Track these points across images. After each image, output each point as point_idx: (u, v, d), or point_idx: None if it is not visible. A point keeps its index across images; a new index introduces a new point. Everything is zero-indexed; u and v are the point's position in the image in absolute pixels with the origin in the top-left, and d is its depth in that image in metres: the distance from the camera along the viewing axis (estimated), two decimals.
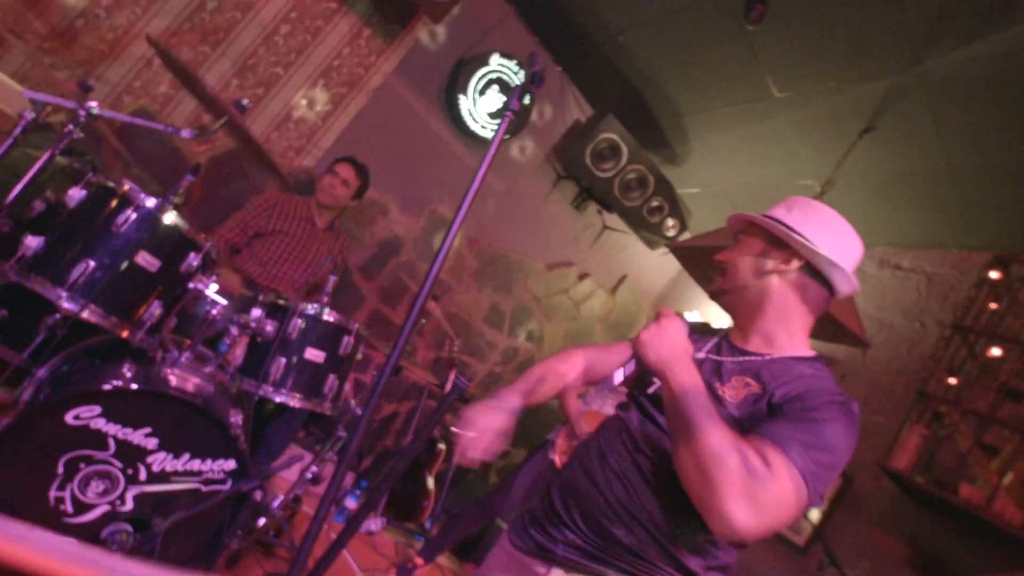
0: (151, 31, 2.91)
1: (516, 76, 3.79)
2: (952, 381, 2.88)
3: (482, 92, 3.69)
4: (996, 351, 2.81)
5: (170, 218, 1.61)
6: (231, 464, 1.77)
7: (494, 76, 3.71)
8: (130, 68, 2.93)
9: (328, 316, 1.94)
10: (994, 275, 2.92)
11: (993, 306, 2.90)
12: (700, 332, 1.34)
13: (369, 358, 3.80)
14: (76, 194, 1.55)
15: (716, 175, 4.14)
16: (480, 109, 3.70)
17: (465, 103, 3.64)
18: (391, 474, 0.98)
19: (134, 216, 1.55)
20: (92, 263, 1.51)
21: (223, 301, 1.70)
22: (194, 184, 2.84)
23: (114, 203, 1.57)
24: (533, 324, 4.49)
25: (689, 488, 0.97)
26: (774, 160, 3.67)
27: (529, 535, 1.19)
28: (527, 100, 3.83)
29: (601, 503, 1.12)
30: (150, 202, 1.57)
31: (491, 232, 4.10)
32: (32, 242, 1.50)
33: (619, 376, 1.13)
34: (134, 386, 1.58)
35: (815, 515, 3.34)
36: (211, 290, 1.71)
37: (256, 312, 1.85)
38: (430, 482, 3.59)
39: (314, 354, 1.89)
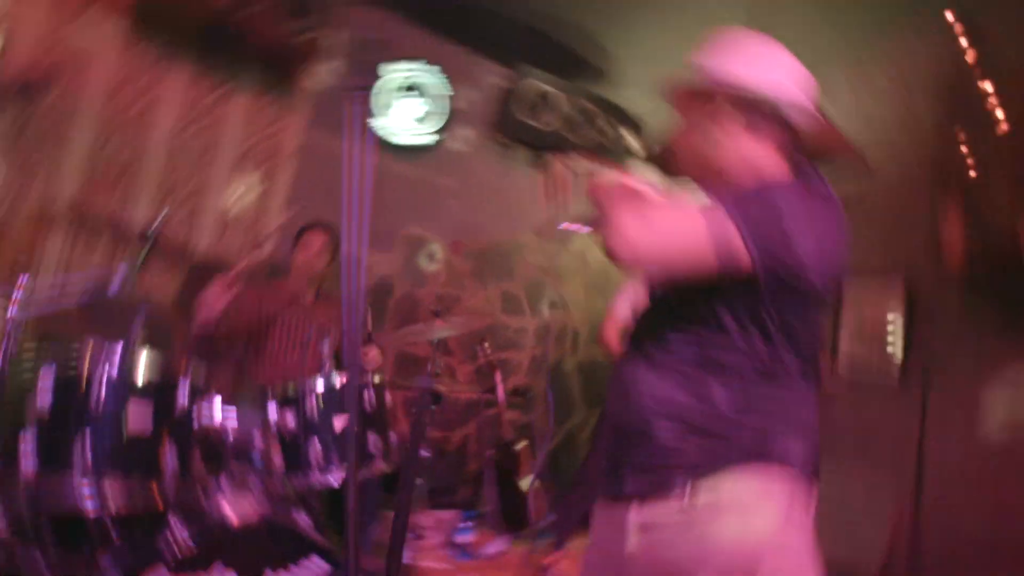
0: (65, 196, 2.88)
1: (426, 75, 3.69)
2: (963, 145, 2.71)
3: (397, 104, 3.60)
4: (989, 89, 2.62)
5: (142, 360, 1.57)
6: (322, 564, 1.73)
7: (405, 84, 3.61)
8: (63, 242, 2.89)
9: (338, 381, 1.89)
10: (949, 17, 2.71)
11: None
12: None
13: (409, 399, 3.76)
14: (47, 376, 1.52)
15: (652, 74, 3.99)
16: (403, 120, 3.61)
17: (387, 121, 3.56)
18: (403, 507, 0.93)
19: (107, 377, 1.51)
20: (88, 437, 1.47)
21: (232, 418, 1.65)
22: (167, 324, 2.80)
23: (84, 372, 1.53)
24: (550, 294, 4.40)
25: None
26: (696, 27, 3.52)
27: (608, 483, 1.15)
28: (448, 92, 3.73)
29: (633, 412, 1.08)
30: (115, 357, 1.52)
31: (468, 230, 4.02)
32: (27, 441, 1.47)
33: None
34: (190, 536, 1.54)
35: (898, 351, 3.22)
36: (217, 412, 1.67)
37: (272, 413, 1.81)
38: (524, 483, 3.55)
39: (342, 422, 1.84)
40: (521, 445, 3.62)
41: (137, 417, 1.53)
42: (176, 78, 3.12)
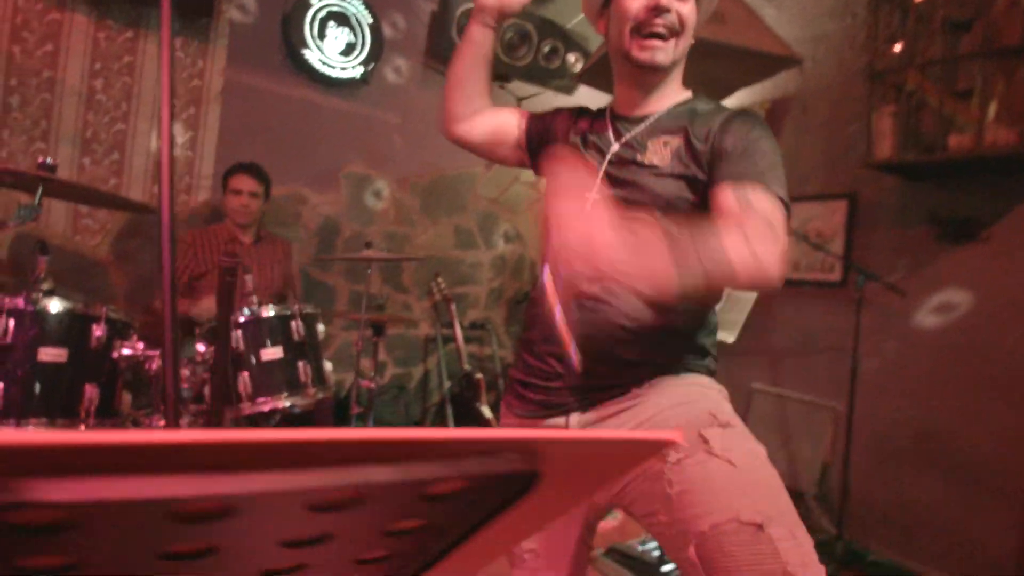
0: None
1: (348, 3, 3.52)
2: (897, 48, 2.71)
3: (322, 35, 3.44)
4: None
5: (53, 305, 1.54)
6: None
7: (325, 14, 3.45)
8: None
9: (264, 312, 1.88)
10: None
11: None
12: (580, 115, 1.29)
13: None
14: None
15: None
16: (329, 52, 3.47)
17: (312, 55, 3.42)
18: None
19: (12, 323, 1.48)
20: (1, 384, 1.46)
21: (155, 354, 1.64)
22: (45, 273, 2.73)
23: None
24: (504, 226, 4.39)
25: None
26: None
27: (549, 399, 1.21)
28: (369, 19, 3.57)
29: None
30: (19, 302, 1.49)
31: (414, 165, 3.95)
32: None
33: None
34: None
35: (838, 245, 3.29)
36: (140, 350, 1.66)
37: (200, 347, 1.80)
38: (486, 411, 3.63)
39: (271, 352, 1.85)
40: (478, 376, 3.68)
41: (50, 355, 1.52)
42: (78, 24, 2.95)
